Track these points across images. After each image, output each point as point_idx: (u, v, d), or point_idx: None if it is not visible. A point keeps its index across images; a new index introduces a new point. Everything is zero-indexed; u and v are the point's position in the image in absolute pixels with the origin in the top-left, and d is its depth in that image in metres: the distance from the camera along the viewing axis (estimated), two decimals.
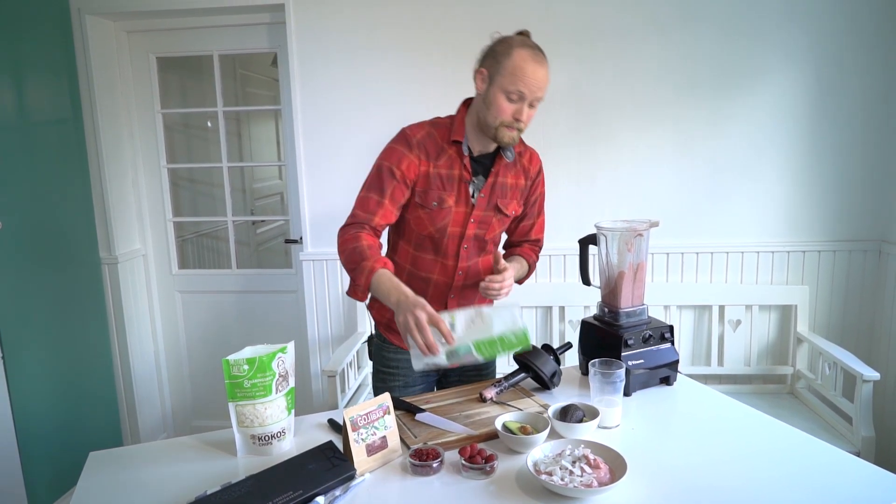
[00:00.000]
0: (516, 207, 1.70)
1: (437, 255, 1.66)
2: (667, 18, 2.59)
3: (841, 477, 1.20)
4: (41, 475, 2.50)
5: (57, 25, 2.66)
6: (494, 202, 1.64)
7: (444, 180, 1.59)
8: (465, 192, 1.61)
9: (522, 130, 1.56)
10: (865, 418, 2.25)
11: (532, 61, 1.49)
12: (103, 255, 2.91)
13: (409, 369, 1.72)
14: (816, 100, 2.61)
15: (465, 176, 1.60)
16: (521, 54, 1.49)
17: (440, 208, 1.60)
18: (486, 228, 1.66)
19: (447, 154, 1.60)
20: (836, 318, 2.74)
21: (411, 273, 1.68)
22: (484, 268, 1.72)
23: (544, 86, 1.51)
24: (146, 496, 1.21)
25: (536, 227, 1.81)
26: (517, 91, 1.49)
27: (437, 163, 1.59)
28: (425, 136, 1.60)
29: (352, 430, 1.24)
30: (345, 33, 2.69)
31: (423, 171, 1.58)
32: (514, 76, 1.48)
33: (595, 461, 1.18)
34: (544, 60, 1.51)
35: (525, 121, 1.53)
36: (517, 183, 1.68)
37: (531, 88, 1.49)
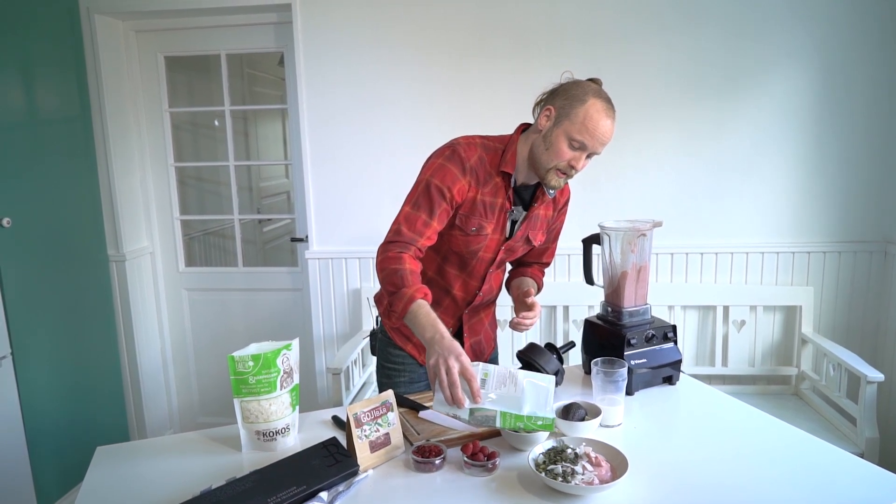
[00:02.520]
0: (541, 238, 1.70)
1: (462, 273, 1.64)
2: (671, 19, 2.59)
3: (844, 478, 1.20)
4: (49, 470, 2.52)
5: (66, 24, 2.68)
6: (526, 233, 1.65)
7: (486, 208, 1.55)
8: (504, 221, 1.59)
9: (571, 177, 1.54)
10: (869, 420, 2.25)
11: (605, 116, 1.47)
12: (111, 252, 2.93)
13: (414, 366, 1.73)
14: (821, 100, 2.60)
15: (507, 206, 1.58)
16: (596, 106, 1.46)
17: (478, 234, 1.57)
18: (512, 255, 1.68)
19: (493, 181, 1.55)
20: (841, 319, 2.74)
21: (433, 280, 1.65)
22: (496, 285, 1.73)
23: (608, 141, 1.49)
24: (152, 491, 1.22)
25: (550, 252, 1.83)
26: (581, 141, 1.45)
27: (483, 189, 1.54)
28: (478, 161, 1.54)
29: (355, 426, 1.26)
30: (351, 33, 2.70)
31: (471, 196, 1.53)
32: (583, 126, 1.45)
33: (597, 459, 1.19)
34: (614, 115, 1.50)
35: (578, 170, 1.51)
36: (546, 213, 1.68)
37: (596, 142, 1.47)
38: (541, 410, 1.25)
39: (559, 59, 2.65)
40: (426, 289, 1.42)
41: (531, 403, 1.25)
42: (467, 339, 1.73)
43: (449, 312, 1.68)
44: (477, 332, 1.76)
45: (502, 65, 2.66)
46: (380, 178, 2.80)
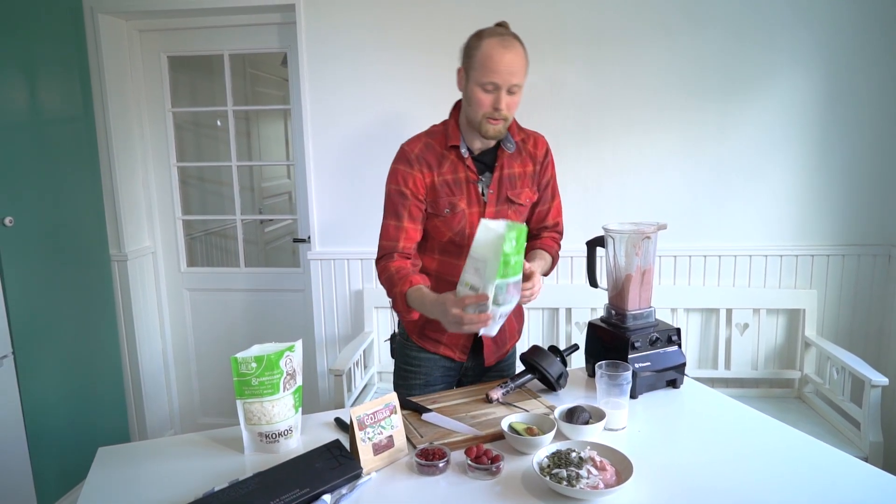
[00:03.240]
0: (530, 195, 1.68)
1: (462, 259, 1.64)
2: (674, 22, 2.58)
3: (848, 482, 1.20)
4: (50, 470, 2.52)
5: (69, 24, 2.68)
6: (505, 195, 1.63)
7: (451, 186, 1.60)
8: (475, 192, 1.61)
9: (508, 120, 1.55)
10: (873, 423, 2.24)
11: (500, 48, 1.48)
12: (113, 252, 2.93)
13: (431, 368, 1.73)
14: (825, 103, 2.60)
15: (472, 177, 1.60)
16: (490, 43, 1.49)
17: (453, 213, 1.60)
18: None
19: (449, 160, 1.60)
20: (845, 322, 2.73)
21: (439, 277, 1.67)
22: None
23: (518, 70, 1.49)
24: (155, 492, 1.22)
25: (553, 211, 1.77)
26: (490, 81, 1.48)
27: (440, 171, 1.60)
28: (423, 147, 1.61)
29: (358, 429, 1.25)
30: (355, 33, 2.70)
31: (429, 182, 1.59)
32: (484, 67, 1.48)
33: (601, 463, 1.18)
34: (514, 45, 1.50)
35: (505, 109, 1.51)
36: (525, 170, 1.66)
37: (503, 76, 1.48)
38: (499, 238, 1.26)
39: (562, 61, 2.64)
40: (414, 277, 1.53)
41: (491, 249, 1.29)
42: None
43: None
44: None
45: None
46: (383, 179, 2.76)
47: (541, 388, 1.64)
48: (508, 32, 1.53)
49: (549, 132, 2.66)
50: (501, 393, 1.54)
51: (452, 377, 1.78)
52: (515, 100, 1.53)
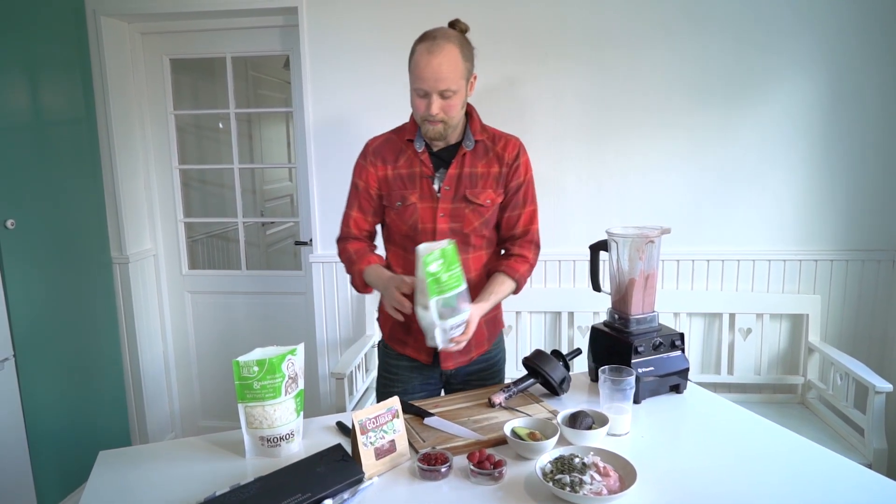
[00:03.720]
0: (491, 196, 1.64)
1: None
2: (678, 25, 2.58)
3: (852, 489, 1.19)
4: (50, 473, 2.51)
5: (72, 26, 2.68)
6: (462, 193, 1.61)
7: (404, 180, 1.63)
8: (429, 187, 1.62)
9: (448, 122, 1.55)
10: (878, 430, 2.23)
11: (426, 54, 1.48)
12: (114, 254, 2.92)
13: (408, 376, 1.73)
14: (829, 107, 2.59)
15: (425, 171, 1.62)
16: (419, 49, 1.50)
17: (404, 206, 1.63)
18: (460, 221, 1.62)
19: (406, 154, 1.65)
20: (849, 328, 2.72)
21: (405, 271, 1.67)
22: (475, 266, 1.67)
23: (446, 76, 1.48)
24: (155, 496, 1.21)
25: (524, 218, 1.69)
26: (420, 88, 1.50)
27: (396, 165, 1.65)
28: (382, 142, 1.69)
29: (360, 433, 1.24)
30: (357, 36, 2.70)
31: (382, 175, 1.66)
32: (415, 75, 1.51)
33: (605, 469, 1.18)
34: (443, 50, 1.48)
35: (439, 113, 1.52)
36: (489, 171, 1.63)
37: (429, 82, 1.48)
38: (428, 256, 1.38)
39: (565, 63, 2.64)
40: (371, 256, 1.68)
41: (420, 269, 1.39)
42: None
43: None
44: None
45: (508, 69, 2.66)
46: None
47: (543, 392, 1.64)
48: (443, 35, 1.51)
49: (551, 135, 2.69)
50: (504, 397, 1.54)
51: (433, 386, 1.76)
52: (452, 102, 1.52)
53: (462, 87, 1.53)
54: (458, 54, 1.50)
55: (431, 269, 1.37)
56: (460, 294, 1.45)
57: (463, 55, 1.51)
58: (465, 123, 1.65)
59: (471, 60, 1.56)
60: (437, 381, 1.77)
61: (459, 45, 1.51)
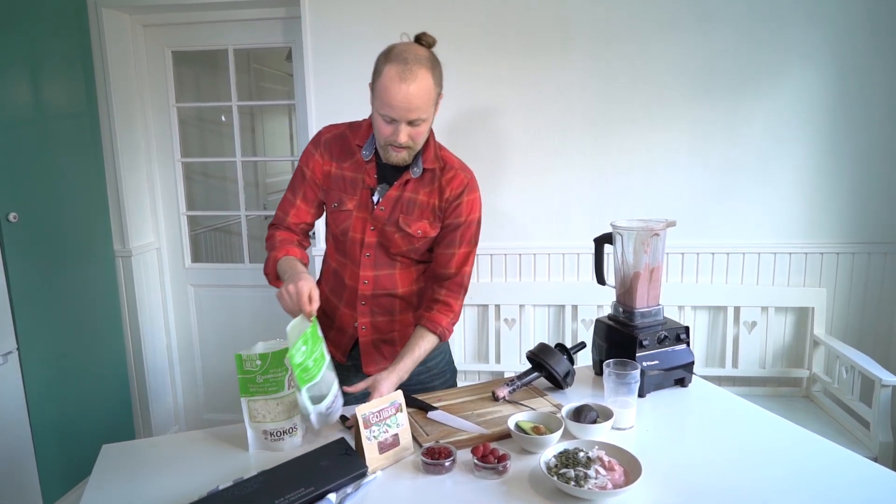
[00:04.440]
0: (425, 228, 1.54)
1: (346, 258, 1.61)
2: (683, 18, 2.55)
3: (858, 482, 1.19)
4: (54, 466, 2.51)
5: (73, 19, 2.67)
6: (396, 217, 1.53)
7: (346, 183, 1.55)
8: (367, 198, 1.54)
9: (413, 148, 1.46)
10: (883, 423, 2.22)
11: (398, 81, 1.34)
12: (117, 248, 2.92)
13: (344, 377, 1.57)
14: (835, 101, 2.57)
15: (368, 181, 1.53)
16: (390, 73, 1.36)
17: (339, 210, 1.56)
18: (388, 243, 1.56)
19: (355, 157, 1.55)
20: (854, 321, 2.70)
21: (335, 270, 1.65)
22: (402, 282, 1.61)
23: (418, 105, 1.37)
24: (159, 490, 1.21)
25: (457, 260, 1.57)
26: (387, 115, 1.39)
27: (342, 164, 1.55)
28: (336, 135, 1.58)
29: (364, 427, 1.24)
30: (360, 28, 2.68)
31: (326, 170, 1.56)
32: (381, 99, 1.38)
33: (610, 463, 1.17)
34: (417, 76, 1.35)
35: (405, 142, 1.41)
36: (429, 201, 1.53)
37: (399, 112, 1.37)
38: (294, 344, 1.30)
39: (569, 56, 2.62)
40: (293, 249, 1.54)
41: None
42: (364, 334, 1.62)
43: (349, 304, 1.62)
44: (381, 332, 1.64)
45: (511, 61, 2.64)
46: None
47: (547, 386, 1.63)
48: (416, 58, 1.37)
49: (556, 128, 2.67)
50: (508, 391, 1.53)
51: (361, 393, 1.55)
52: (420, 130, 1.42)
53: (431, 113, 1.44)
54: (430, 81, 1.38)
55: (297, 361, 1.27)
56: (326, 368, 1.38)
57: (435, 80, 1.40)
58: (421, 148, 1.52)
59: (440, 84, 1.44)
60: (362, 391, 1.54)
61: (431, 68, 1.39)
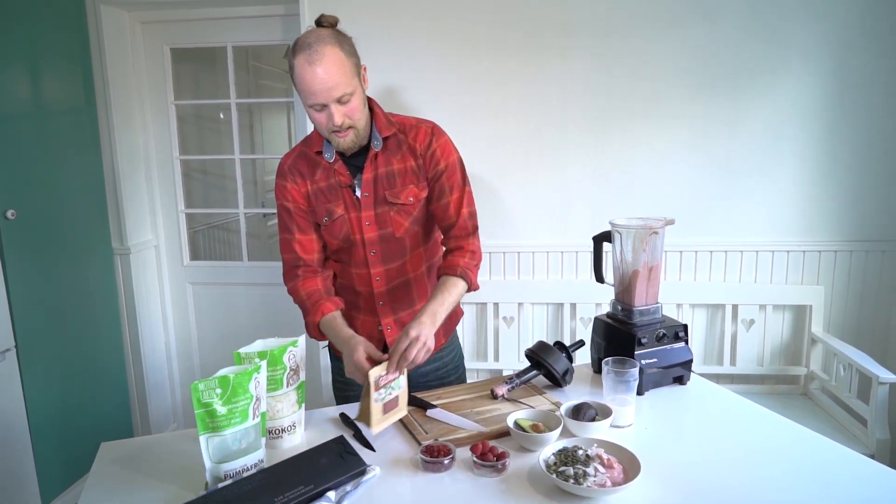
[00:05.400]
0: (414, 192, 1.54)
1: (352, 266, 1.61)
2: (684, 15, 2.55)
3: (855, 479, 1.19)
4: (53, 463, 2.52)
5: (72, 16, 2.66)
6: (382, 195, 1.53)
7: (325, 193, 1.55)
8: (350, 196, 1.54)
9: (358, 126, 1.45)
10: (880, 420, 2.22)
11: (308, 66, 1.34)
12: (115, 245, 2.92)
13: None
14: (833, 99, 2.57)
15: (343, 180, 1.53)
16: (299, 62, 1.35)
17: (332, 221, 1.55)
18: (389, 226, 1.55)
19: (321, 166, 1.55)
20: (852, 318, 2.71)
21: (342, 285, 1.66)
22: (413, 268, 1.63)
23: (337, 82, 1.36)
24: (157, 487, 1.21)
25: (453, 206, 1.57)
26: (314, 102, 1.38)
27: (314, 179, 1.55)
28: (296, 157, 1.58)
29: (374, 389, 1.28)
30: (358, 25, 2.67)
31: (304, 191, 1.56)
32: (303, 91, 1.38)
33: (608, 461, 1.17)
34: (324, 55, 1.34)
35: (342, 120, 1.40)
36: (406, 166, 1.54)
37: (321, 95, 1.36)
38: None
39: (570, 51, 2.62)
40: (325, 304, 1.52)
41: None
42: (391, 334, 1.64)
43: (367, 310, 1.64)
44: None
45: (513, 57, 2.64)
46: None
47: (546, 384, 1.63)
48: (318, 39, 1.36)
49: (556, 125, 2.67)
50: (507, 389, 1.53)
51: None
52: (353, 105, 1.41)
53: (357, 85, 1.42)
54: (340, 54, 1.37)
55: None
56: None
57: (345, 52, 1.39)
58: (370, 121, 1.52)
59: (355, 54, 1.43)
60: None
61: (337, 42, 1.38)
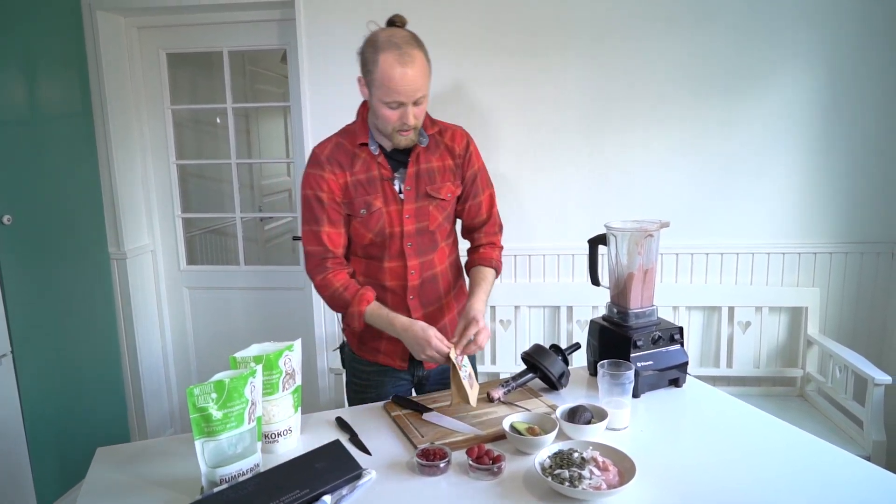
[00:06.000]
0: (451, 189, 1.63)
1: (385, 260, 1.61)
2: (680, 18, 2.56)
3: (851, 481, 1.19)
4: (49, 469, 2.51)
5: (68, 21, 2.66)
6: (424, 190, 1.59)
7: (365, 185, 1.56)
8: (391, 190, 1.57)
9: (419, 126, 1.52)
10: (876, 422, 2.23)
11: (399, 65, 1.40)
12: (112, 250, 2.91)
13: (380, 381, 1.70)
14: (829, 101, 2.58)
15: (385, 174, 1.56)
16: (388, 60, 1.41)
17: (370, 213, 1.57)
18: (426, 220, 1.60)
19: (361, 158, 1.57)
20: (848, 320, 2.72)
21: (366, 282, 1.64)
22: (440, 262, 1.67)
23: (421, 84, 1.44)
24: (153, 492, 1.21)
25: (486, 204, 1.70)
26: (394, 100, 1.43)
27: (353, 170, 1.56)
28: (334, 148, 1.58)
29: (459, 368, 1.41)
30: (354, 29, 2.65)
31: (342, 182, 1.56)
32: (386, 87, 1.42)
33: (604, 463, 1.17)
34: (414, 57, 1.42)
35: (413, 121, 1.48)
36: (445, 164, 1.61)
37: (406, 95, 1.42)
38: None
39: (566, 54, 2.63)
40: (366, 292, 1.55)
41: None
42: None
43: (396, 307, 1.63)
44: (435, 321, 1.66)
45: (509, 60, 2.64)
46: None
47: (542, 387, 1.63)
48: (405, 41, 1.44)
49: (552, 128, 2.68)
50: (503, 392, 1.53)
51: (404, 387, 1.73)
52: (423, 107, 1.50)
53: (429, 91, 1.50)
54: (424, 58, 1.46)
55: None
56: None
57: (426, 57, 1.47)
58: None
59: (429, 58, 1.50)
60: (408, 383, 1.74)
61: (421, 46, 1.47)
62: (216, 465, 1.17)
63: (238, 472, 1.19)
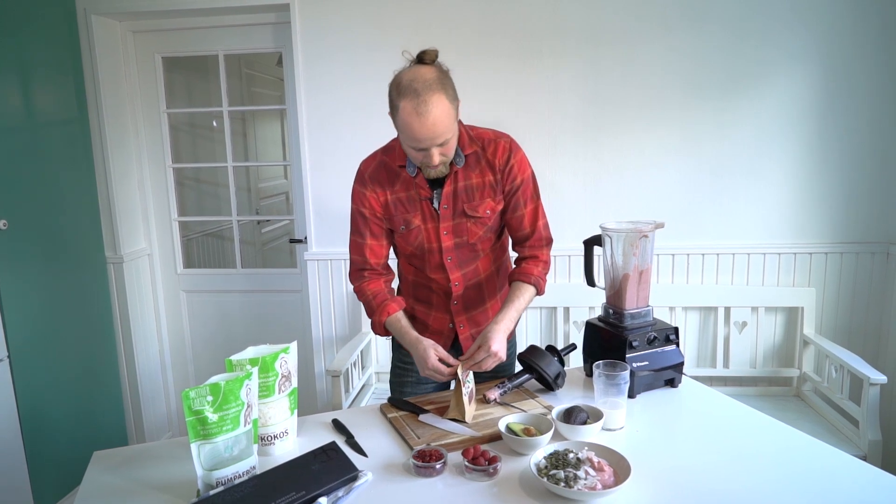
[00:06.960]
0: (491, 205, 1.60)
1: (427, 270, 1.66)
2: (674, 20, 2.58)
3: (847, 481, 1.19)
4: (47, 473, 2.50)
5: (63, 26, 2.67)
6: (461, 208, 1.59)
7: (405, 203, 1.60)
8: (429, 208, 1.59)
9: (448, 160, 1.50)
10: (872, 422, 2.24)
11: (416, 116, 1.37)
12: (109, 254, 2.91)
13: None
14: (824, 101, 2.59)
15: (423, 193, 1.58)
16: (406, 109, 1.38)
17: (408, 230, 1.61)
18: (464, 235, 1.61)
19: (402, 177, 1.59)
20: (843, 320, 2.72)
21: (416, 282, 1.71)
22: (484, 269, 1.69)
23: (441, 131, 1.40)
24: (150, 495, 1.21)
25: (528, 218, 1.65)
26: (416, 145, 1.43)
27: (394, 189, 1.60)
28: (377, 167, 1.62)
29: (463, 386, 1.43)
30: (350, 33, 2.69)
31: (383, 200, 1.61)
32: (407, 134, 1.42)
33: (599, 463, 1.17)
34: (432, 105, 1.37)
35: (438, 161, 1.46)
36: (485, 180, 1.59)
37: (426, 142, 1.41)
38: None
39: (560, 58, 2.64)
40: (391, 303, 1.63)
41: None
42: (463, 332, 1.71)
43: (440, 308, 1.71)
44: (478, 323, 1.71)
45: (503, 64, 2.65)
46: None
47: (538, 387, 1.64)
48: (426, 87, 1.38)
49: (547, 130, 2.68)
50: (499, 393, 1.54)
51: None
52: (450, 146, 1.47)
53: (456, 128, 1.47)
54: (446, 102, 1.39)
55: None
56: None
57: (449, 98, 1.41)
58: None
59: (456, 96, 1.45)
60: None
61: (443, 88, 1.40)
62: (212, 467, 1.18)
63: (234, 474, 1.19)
